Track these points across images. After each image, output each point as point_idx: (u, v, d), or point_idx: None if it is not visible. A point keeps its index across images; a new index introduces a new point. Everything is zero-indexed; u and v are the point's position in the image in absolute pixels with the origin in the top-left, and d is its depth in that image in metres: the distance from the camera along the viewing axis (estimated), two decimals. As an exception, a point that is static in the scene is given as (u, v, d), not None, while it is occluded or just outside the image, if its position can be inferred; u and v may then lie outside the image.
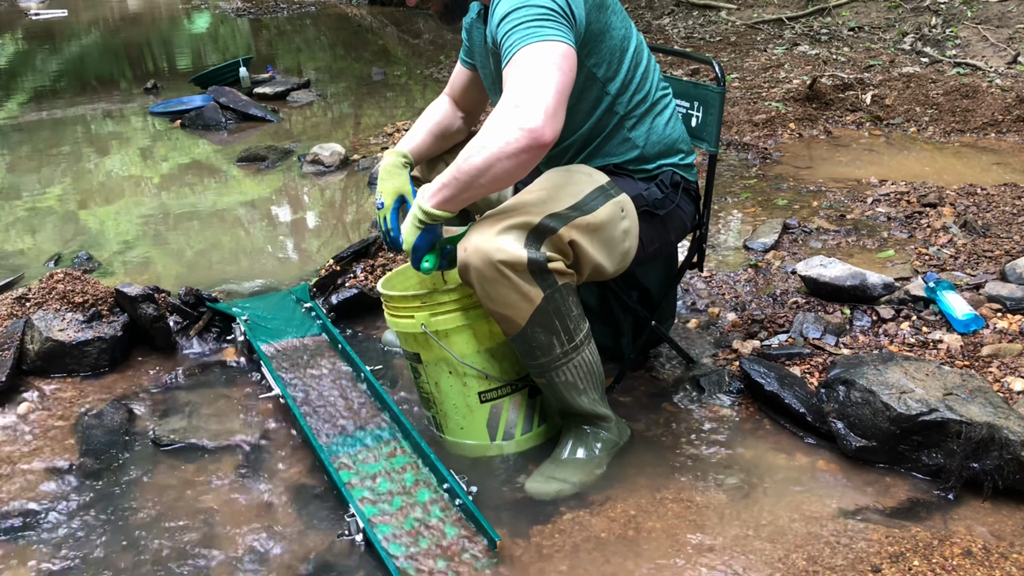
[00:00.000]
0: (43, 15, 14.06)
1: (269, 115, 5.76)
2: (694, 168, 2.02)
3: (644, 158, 1.91)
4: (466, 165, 1.59)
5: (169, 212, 4.01)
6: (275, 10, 13.08)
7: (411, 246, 1.73)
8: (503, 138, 1.52)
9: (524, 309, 1.71)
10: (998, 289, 2.39)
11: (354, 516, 1.72)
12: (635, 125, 1.90)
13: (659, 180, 1.92)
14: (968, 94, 4.67)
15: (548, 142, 1.52)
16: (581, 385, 1.85)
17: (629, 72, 1.85)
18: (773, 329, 2.42)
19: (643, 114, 1.90)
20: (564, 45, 1.57)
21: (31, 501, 1.91)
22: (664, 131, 1.93)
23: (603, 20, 1.77)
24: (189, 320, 2.65)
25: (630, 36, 1.86)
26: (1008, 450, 1.71)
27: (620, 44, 1.82)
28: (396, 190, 2.01)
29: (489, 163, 1.55)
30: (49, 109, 6.65)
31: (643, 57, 1.90)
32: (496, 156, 1.54)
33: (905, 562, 1.58)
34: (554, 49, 1.55)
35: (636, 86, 1.87)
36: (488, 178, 1.58)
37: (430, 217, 1.68)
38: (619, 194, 1.82)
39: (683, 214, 1.98)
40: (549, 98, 1.51)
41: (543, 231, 1.69)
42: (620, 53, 1.82)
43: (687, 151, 1.99)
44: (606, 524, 1.75)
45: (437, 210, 1.67)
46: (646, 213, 1.87)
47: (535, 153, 1.53)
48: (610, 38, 1.79)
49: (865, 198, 3.44)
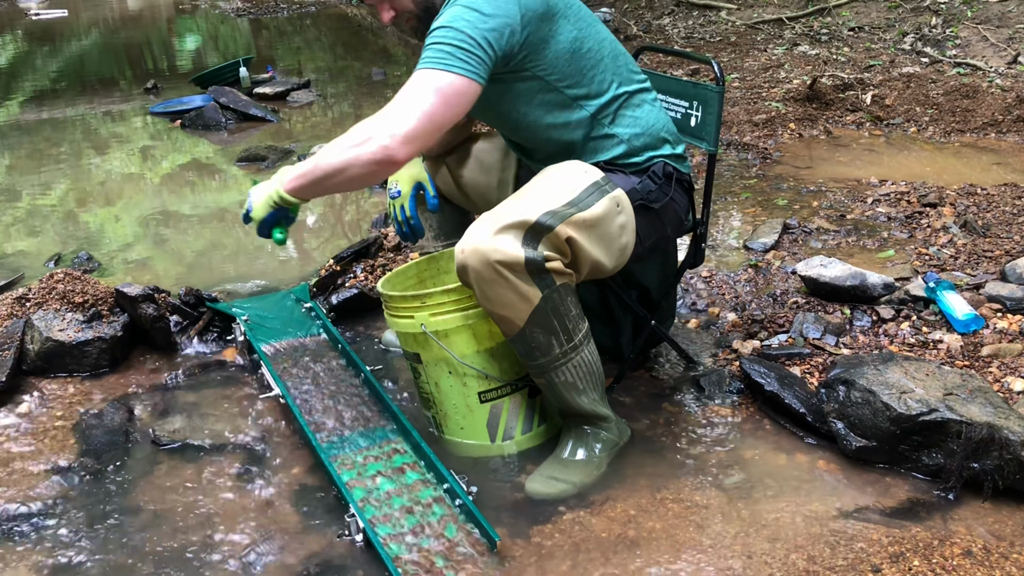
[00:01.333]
0: (43, 15, 14.06)
1: (269, 115, 5.76)
2: (686, 159, 2.02)
3: (631, 151, 1.91)
4: (324, 162, 1.70)
5: (169, 212, 4.02)
6: (275, 10, 13.08)
7: (259, 220, 1.81)
8: (362, 148, 1.64)
9: (522, 309, 1.72)
10: (998, 289, 2.39)
11: (354, 516, 1.72)
12: (612, 120, 1.89)
13: (651, 172, 1.91)
14: (968, 94, 4.67)
15: (399, 162, 1.65)
16: (581, 385, 1.85)
17: (588, 71, 1.85)
18: (773, 329, 2.42)
19: (618, 108, 1.89)
20: (459, 79, 1.64)
21: (31, 501, 1.91)
22: (646, 121, 1.92)
23: (546, 29, 1.77)
24: (189, 320, 2.65)
25: (585, 37, 1.85)
26: (1008, 450, 1.71)
27: (570, 47, 1.81)
28: (413, 177, 2.02)
29: (344, 166, 1.67)
30: (49, 109, 6.65)
31: (603, 54, 1.88)
32: (351, 162, 1.66)
33: (905, 562, 1.58)
34: (444, 80, 1.63)
35: (599, 83, 1.87)
36: (341, 179, 1.70)
37: (283, 201, 1.77)
38: (614, 189, 1.82)
39: (677, 206, 1.97)
40: (414, 123, 1.62)
41: (540, 229, 1.69)
42: (571, 55, 1.82)
43: (674, 140, 1.99)
44: (606, 524, 1.75)
45: (290, 195, 1.77)
46: (641, 207, 1.87)
47: (386, 168, 1.65)
48: (555, 43, 1.79)
49: (865, 198, 3.44)
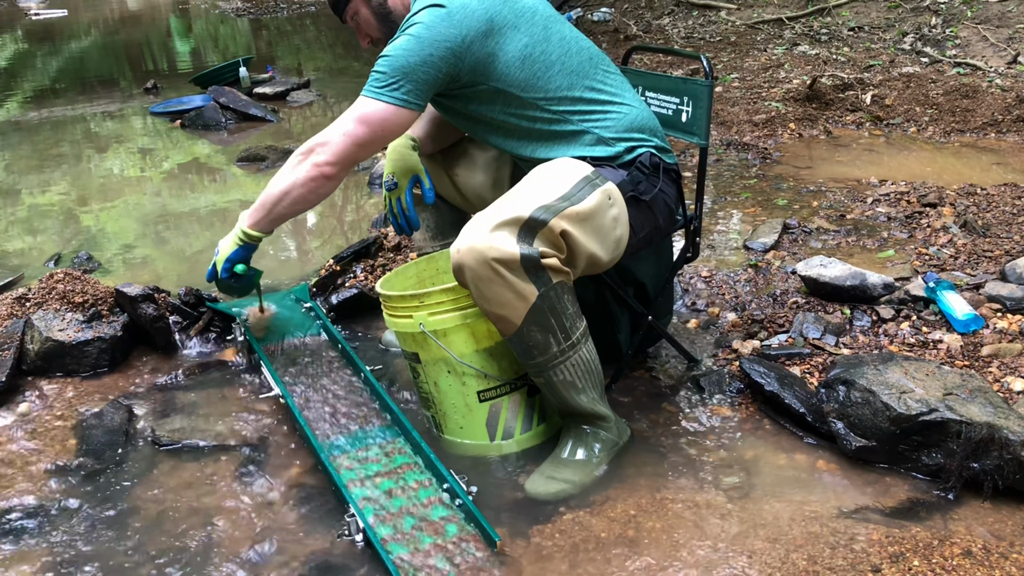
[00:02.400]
0: (43, 15, 14.06)
1: (269, 115, 5.77)
2: (670, 150, 2.03)
3: (605, 143, 1.92)
4: (270, 191, 1.94)
5: (169, 212, 4.02)
6: (275, 10, 13.08)
7: (224, 258, 2.07)
8: (297, 170, 1.89)
9: (519, 308, 1.72)
10: (998, 289, 2.39)
11: (354, 516, 1.72)
12: (583, 118, 1.91)
13: (638, 163, 1.92)
14: (968, 94, 4.67)
15: (333, 179, 1.88)
16: (580, 384, 1.85)
17: (542, 75, 1.88)
18: (773, 329, 2.42)
19: (585, 106, 1.91)
20: (386, 107, 1.81)
21: (31, 501, 1.91)
22: (617, 116, 1.94)
23: (492, 44, 1.84)
24: (189, 320, 2.65)
25: (536, 42, 1.88)
26: (1008, 450, 1.71)
27: (520, 54, 1.86)
28: (409, 170, 2.05)
29: (287, 189, 1.91)
30: (49, 109, 6.65)
31: (553, 58, 1.90)
32: (291, 185, 1.90)
33: (905, 562, 1.58)
34: (371, 108, 1.82)
35: (556, 86, 1.89)
36: (288, 202, 1.93)
37: (248, 237, 2.04)
38: (604, 183, 1.83)
39: (667, 197, 1.98)
40: (340, 147, 1.85)
41: (534, 224, 1.69)
42: (521, 62, 1.86)
43: (652, 132, 1.99)
44: (606, 524, 1.75)
45: (252, 230, 2.03)
46: (632, 199, 1.88)
47: (321, 184, 1.89)
48: (504, 54, 1.85)
49: (865, 198, 3.44)
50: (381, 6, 2.03)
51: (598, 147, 1.92)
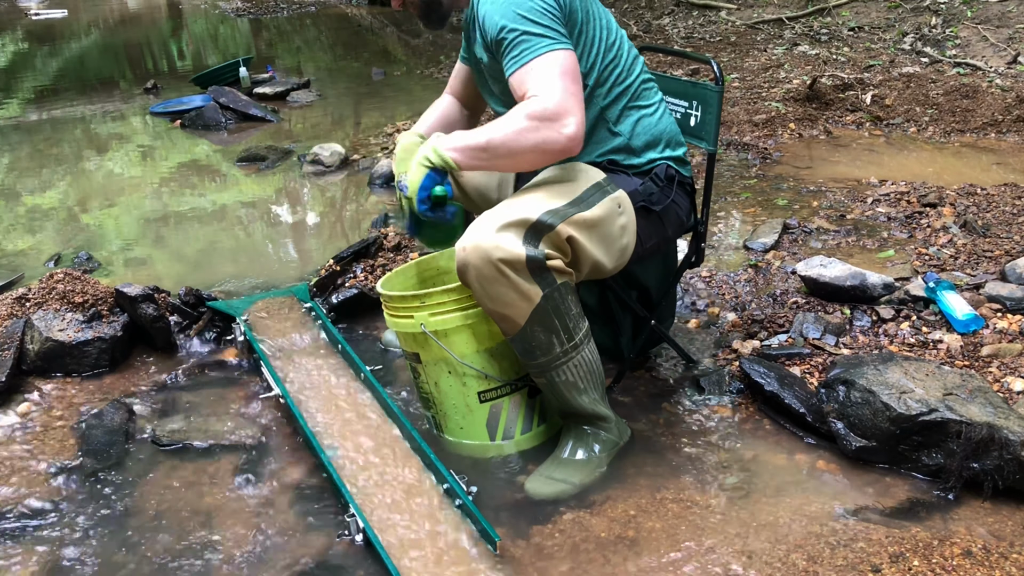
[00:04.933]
0: (43, 15, 14.07)
1: (269, 115, 5.76)
2: (688, 163, 2.02)
3: (631, 150, 1.91)
4: (499, 140, 1.66)
5: (169, 212, 4.02)
6: (275, 10, 13.08)
7: (417, 186, 1.73)
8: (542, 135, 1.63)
9: (523, 308, 1.72)
10: (998, 289, 2.39)
11: (354, 516, 1.72)
12: (618, 118, 1.90)
13: (653, 174, 1.92)
14: (968, 94, 4.67)
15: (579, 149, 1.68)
16: (581, 385, 1.85)
17: (607, 64, 1.87)
18: (773, 329, 2.42)
19: (625, 107, 1.90)
20: (569, 52, 1.68)
21: (31, 501, 1.91)
22: (651, 124, 1.93)
23: (586, 8, 1.81)
24: (189, 320, 2.65)
25: (609, 28, 1.88)
26: (1008, 450, 1.71)
27: (598, 35, 1.84)
28: None
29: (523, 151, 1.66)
30: (49, 109, 6.65)
31: (623, 51, 1.90)
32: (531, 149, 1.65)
33: (905, 562, 1.58)
34: (565, 59, 1.66)
35: (615, 79, 1.88)
36: (512, 162, 1.72)
37: (441, 159, 1.71)
38: (616, 190, 1.82)
39: (679, 209, 1.98)
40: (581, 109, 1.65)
41: (541, 228, 1.69)
42: (598, 44, 1.85)
43: (677, 143, 1.99)
44: (606, 524, 1.75)
45: (448, 155, 1.71)
46: (643, 209, 1.87)
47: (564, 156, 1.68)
48: (589, 29, 1.82)
49: (865, 198, 3.44)
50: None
51: (618, 143, 1.91)
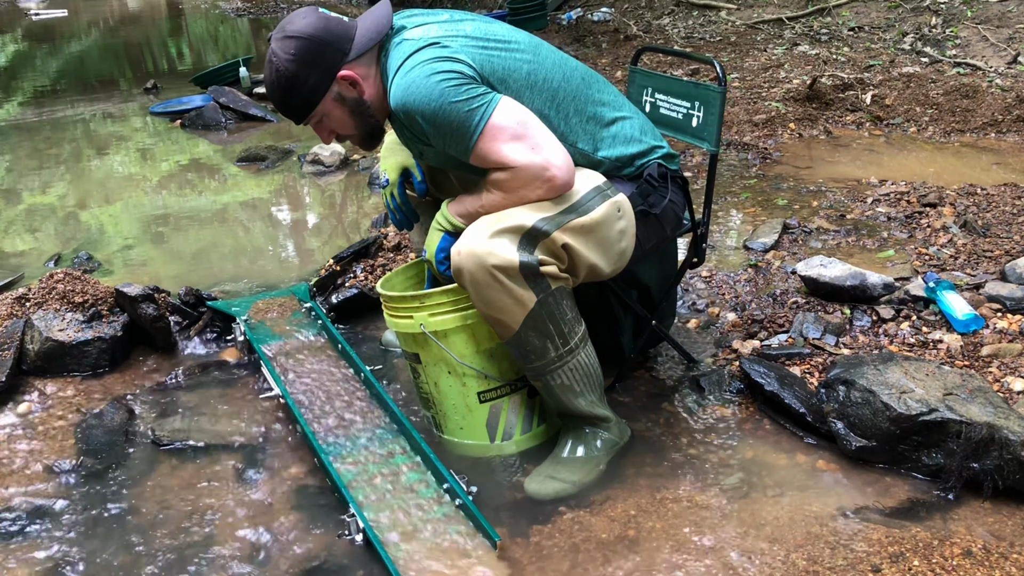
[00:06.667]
0: (43, 15, 14.06)
1: (269, 115, 5.76)
2: (675, 156, 2.00)
3: (620, 162, 1.89)
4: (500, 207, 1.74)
5: (169, 212, 4.02)
6: (275, 10, 13.08)
7: (434, 248, 1.85)
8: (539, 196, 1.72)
9: (517, 313, 1.72)
10: (998, 289, 2.39)
11: (354, 516, 1.72)
12: (596, 148, 1.87)
13: (647, 175, 1.90)
14: (968, 94, 4.66)
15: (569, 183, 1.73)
16: (578, 388, 1.85)
17: (560, 110, 1.81)
18: (773, 329, 2.42)
19: (596, 135, 1.86)
20: (504, 101, 1.68)
21: (31, 501, 1.91)
22: (626, 133, 1.90)
23: (504, 77, 1.74)
24: (189, 320, 2.65)
25: (537, 70, 1.80)
26: (1008, 450, 1.71)
27: (526, 80, 1.78)
28: (399, 164, 2.04)
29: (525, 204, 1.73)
30: (49, 109, 6.65)
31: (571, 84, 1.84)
32: (534, 201, 1.72)
33: (905, 562, 1.58)
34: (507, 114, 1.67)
35: (577, 117, 1.84)
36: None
37: (453, 226, 1.82)
38: (616, 194, 1.81)
39: (676, 206, 1.97)
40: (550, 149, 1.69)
41: (536, 234, 1.69)
42: (528, 88, 1.78)
43: (657, 144, 1.96)
44: (606, 524, 1.75)
45: (457, 219, 1.81)
46: (642, 213, 1.87)
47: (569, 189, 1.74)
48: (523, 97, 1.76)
49: (865, 198, 3.44)
50: (358, 103, 1.79)
51: (614, 170, 1.89)
